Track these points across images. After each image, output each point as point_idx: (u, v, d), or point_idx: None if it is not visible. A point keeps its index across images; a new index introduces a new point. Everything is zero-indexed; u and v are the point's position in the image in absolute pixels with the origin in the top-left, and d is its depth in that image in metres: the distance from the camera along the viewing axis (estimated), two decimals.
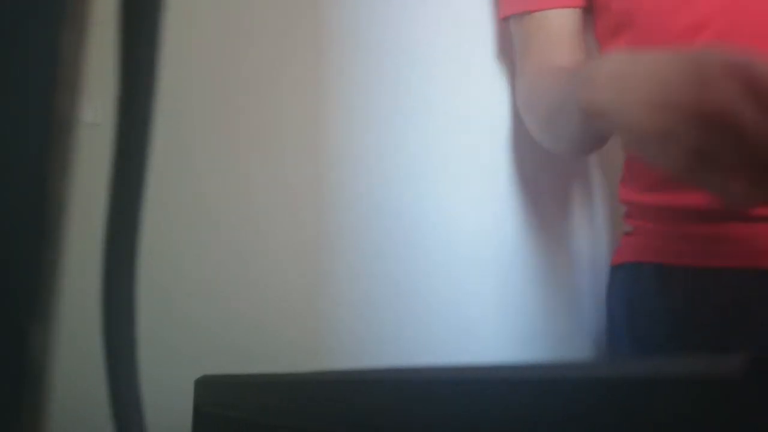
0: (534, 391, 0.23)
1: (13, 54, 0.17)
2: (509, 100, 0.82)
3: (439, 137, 0.78)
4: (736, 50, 0.48)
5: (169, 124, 0.65)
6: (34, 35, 0.17)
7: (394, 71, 0.76)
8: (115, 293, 0.23)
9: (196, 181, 0.66)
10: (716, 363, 0.18)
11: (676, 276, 0.72)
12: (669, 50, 0.52)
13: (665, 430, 0.19)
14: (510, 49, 0.79)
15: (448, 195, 0.78)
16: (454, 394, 0.27)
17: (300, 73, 0.72)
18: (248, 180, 0.68)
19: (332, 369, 0.38)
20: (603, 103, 0.52)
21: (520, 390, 0.23)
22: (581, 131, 0.63)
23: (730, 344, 0.67)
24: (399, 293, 0.74)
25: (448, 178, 0.78)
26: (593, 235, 0.88)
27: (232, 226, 0.67)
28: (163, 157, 0.64)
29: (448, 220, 0.78)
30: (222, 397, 0.48)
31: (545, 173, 0.84)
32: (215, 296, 0.65)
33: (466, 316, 0.77)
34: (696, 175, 0.49)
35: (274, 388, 0.41)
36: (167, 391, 0.58)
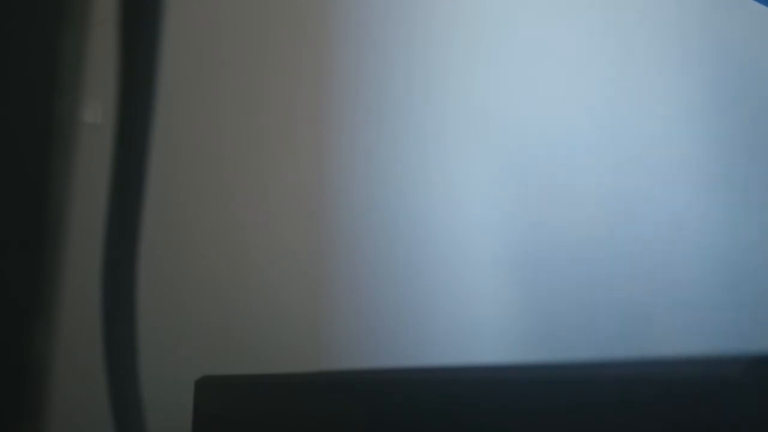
0: (535, 391, 0.23)
1: (13, 54, 0.17)
2: (519, 100, 0.82)
3: (446, 138, 0.78)
4: None
5: (170, 124, 0.65)
6: (34, 35, 0.17)
7: (401, 71, 0.76)
8: (115, 293, 0.23)
9: (196, 181, 0.66)
10: (716, 363, 0.18)
11: None
12: None
13: (666, 430, 0.19)
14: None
15: (454, 196, 0.78)
16: (455, 394, 0.27)
17: (304, 71, 0.72)
18: (249, 180, 0.68)
19: (332, 369, 0.38)
20: None
21: (521, 390, 0.23)
22: None
23: None
24: (401, 294, 0.74)
25: (454, 179, 0.78)
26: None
27: (232, 226, 0.67)
28: (164, 158, 0.65)
29: (452, 221, 0.77)
30: (222, 397, 0.48)
31: (557, 172, 0.84)
32: (215, 296, 0.65)
33: (469, 317, 0.77)
34: None
35: (274, 389, 0.41)
36: (167, 391, 0.58)
